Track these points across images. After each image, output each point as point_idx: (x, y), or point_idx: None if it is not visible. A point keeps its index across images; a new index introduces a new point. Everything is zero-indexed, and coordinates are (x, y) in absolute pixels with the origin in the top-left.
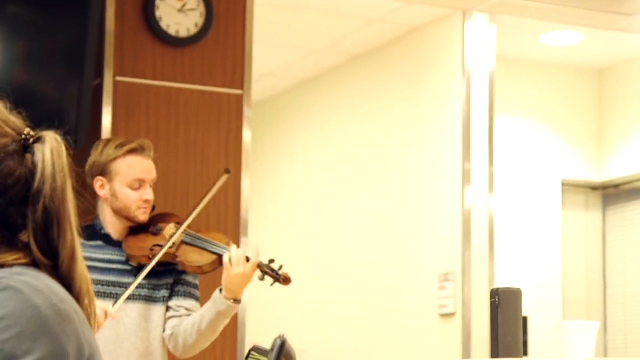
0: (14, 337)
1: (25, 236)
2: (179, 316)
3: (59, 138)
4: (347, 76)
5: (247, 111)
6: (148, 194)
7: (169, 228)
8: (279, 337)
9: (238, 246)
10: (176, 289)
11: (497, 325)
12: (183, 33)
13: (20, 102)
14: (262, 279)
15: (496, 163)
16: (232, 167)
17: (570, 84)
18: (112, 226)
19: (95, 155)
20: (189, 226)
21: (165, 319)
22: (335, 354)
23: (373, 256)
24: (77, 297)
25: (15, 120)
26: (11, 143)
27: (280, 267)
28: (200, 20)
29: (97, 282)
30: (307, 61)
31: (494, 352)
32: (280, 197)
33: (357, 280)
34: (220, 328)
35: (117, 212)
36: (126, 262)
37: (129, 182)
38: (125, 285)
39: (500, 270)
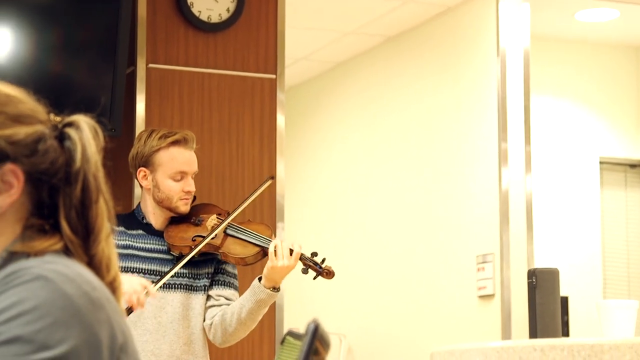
0: (47, 327)
1: (51, 222)
2: (219, 305)
3: (90, 120)
4: (381, 59)
5: (280, 96)
6: (190, 185)
7: (211, 219)
8: (313, 321)
9: (275, 232)
10: (216, 278)
11: (535, 306)
12: (215, 19)
13: (55, 91)
14: (305, 272)
15: (533, 143)
16: (267, 152)
17: (607, 61)
18: (154, 216)
19: (139, 146)
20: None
21: (206, 308)
22: (374, 338)
23: (411, 240)
24: (108, 275)
25: (42, 108)
26: (46, 130)
27: (323, 260)
28: (232, 6)
29: (138, 271)
30: (341, 44)
31: (533, 332)
32: (316, 181)
33: (395, 264)
34: (260, 317)
35: (159, 203)
36: (167, 251)
37: (171, 174)
38: (166, 275)
39: (540, 251)
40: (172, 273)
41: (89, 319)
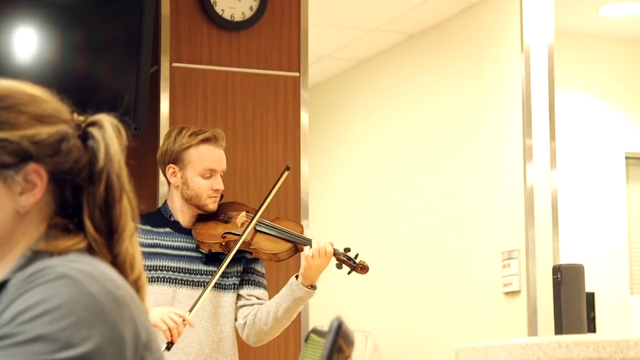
0: (71, 325)
1: (75, 221)
2: (251, 305)
3: (113, 119)
4: (404, 56)
5: (304, 94)
6: (219, 183)
7: (241, 216)
8: (336, 319)
9: (302, 230)
10: (246, 277)
11: (561, 302)
12: (238, 17)
13: (79, 91)
14: (339, 267)
15: (558, 139)
16: (291, 150)
17: (632, 56)
18: (181, 214)
19: (169, 143)
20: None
21: (237, 308)
22: (400, 335)
23: (436, 236)
24: (132, 273)
25: (66, 107)
26: (69, 130)
27: (357, 255)
28: (255, 4)
29: (167, 269)
30: (364, 42)
31: (558, 328)
32: (340, 178)
33: (420, 261)
34: (295, 315)
35: (188, 200)
36: (196, 249)
37: (200, 172)
38: (195, 272)
39: (566, 247)
40: (211, 285)
41: (113, 317)
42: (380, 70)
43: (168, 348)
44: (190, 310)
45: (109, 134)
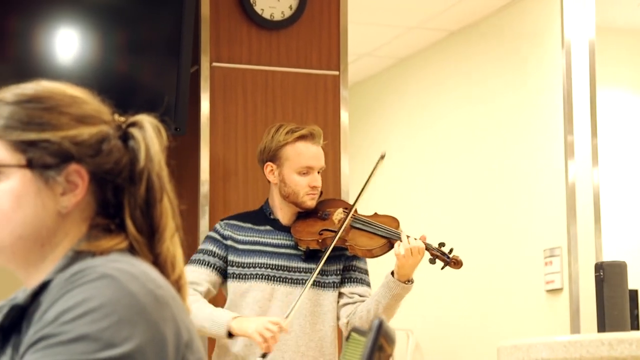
0: (112, 325)
1: (116, 221)
2: (353, 303)
3: (153, 120)
4: (445, 54)
5: (344, 92)
6: (316, 180)
7: (338, 213)
8: (377, 318)
9: (398, 225)
10: (348, 275)
11: (603, 299)
12: (278, 16)
13: (120, 92)
14: (433, 262)
15: (600, 135)
16: (331, 148)
17: None
18: (281, 211)
19: (266, 141)
20: (356, 211)
21: (340, 307)
22: (442, 334)
23: (478, 234)
24: (173, 273)
25: (106, 108)
26: (110, 130)
27: (451, 250)
28: (294, 3)
29: (266, 266)
30: (404, 39)
31: (601, 326)
32: (380, 177)
33: (463, 259)
34: (396, 311)
35: (286, 198)
36: (295, 246)
37: (297, 169)
38: (294, 270)
39: (608, 244)
40: (316, 273)
41: (154, 317)
42: (421, 69)
43: (263, 356)
44: (287, 316)
45: (150, 135)
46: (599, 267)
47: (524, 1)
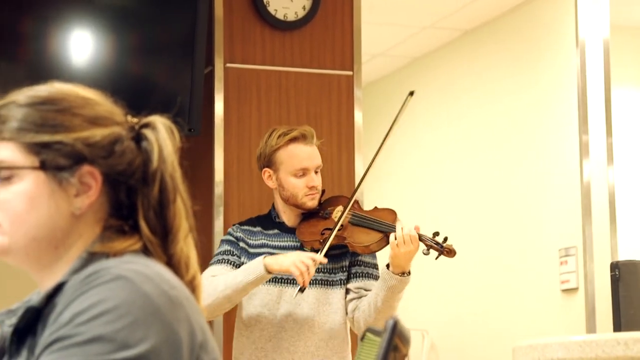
0: (127, 326)
1: (130, 222)
2: (359, 298)
3: (166, 121)
4: (459, 53)
5: (357, 92)
6: (313, 180)
7: (337, 211)
8: (392, 318)
9: (394, 217)
10: (353, 271)
11: (619, 299)
12: (291, 17)
13: (134, 93)
14: (427, 253)
15: (615, 134)
16: (345, 149)
17: None
18: (285, 214)
19: (261, 147)
20: (358, 207)
21: (347, 303)
22: (457, 333)
23: (493, 234)
24: (187, 274)
25: (119, 109)
26: (123, 132)
27: (445, 239)
28: (307, 3)
29: None
30: (418, 39)
31: (617, 326)
32: (395, 177)
33: (477, 259)
34: (397, 303)
35: (287, 201)
36: (301, 248)
37: (292, 171)
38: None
39: (623, 243)
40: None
41: (169, 318)
42: (435, 68)
43: (302, 290)
44: (321, 252)
45: (162, 136)
46: (615, 266)
47: (538, 0)
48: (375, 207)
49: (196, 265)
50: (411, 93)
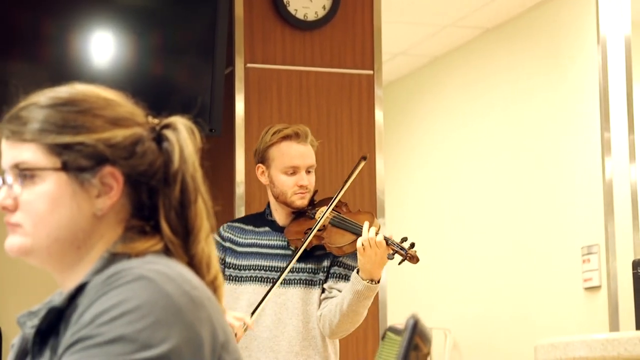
0: (149, 326)
1: (152, 223)
2: (331, 297)
3: (187, 121)
4: (479, 51)
5: (378, 92)
6: (303, 179)
7: (320, 211)
8: (412, 317)
9: (372, 221)
10: (332, 271)
11: None
12: (311, 16)
13: (155, 94)
14: (391, 257)
15: (637, 131)
16: (366, 148)
17: None
18: (277, 212)
19: (257, 143)
20: (346, 210)
21: (320, 301)
22: (480, 332)
23: (515, 232)
24: (208, 274)
25: (140, 110)
26: (144, 132)
27: (412, 245)
28: (327, 3)
29: (260, 268)
30: (438, 38)
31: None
32: (416, 177)
33: (499, 257)
34: (362, 310)
35: (277, 198)
36: (287, 247)
37: (282, 169)
38: (284, 271)
39: None
40: (286, 271)
41: (190, 318)
42: (456, 67)
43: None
44: (252, 313)
45: (183, 136)
46: (637, 264)
47: None
48: (359, 210)
49: (217, 265)
50: (364, 158)
